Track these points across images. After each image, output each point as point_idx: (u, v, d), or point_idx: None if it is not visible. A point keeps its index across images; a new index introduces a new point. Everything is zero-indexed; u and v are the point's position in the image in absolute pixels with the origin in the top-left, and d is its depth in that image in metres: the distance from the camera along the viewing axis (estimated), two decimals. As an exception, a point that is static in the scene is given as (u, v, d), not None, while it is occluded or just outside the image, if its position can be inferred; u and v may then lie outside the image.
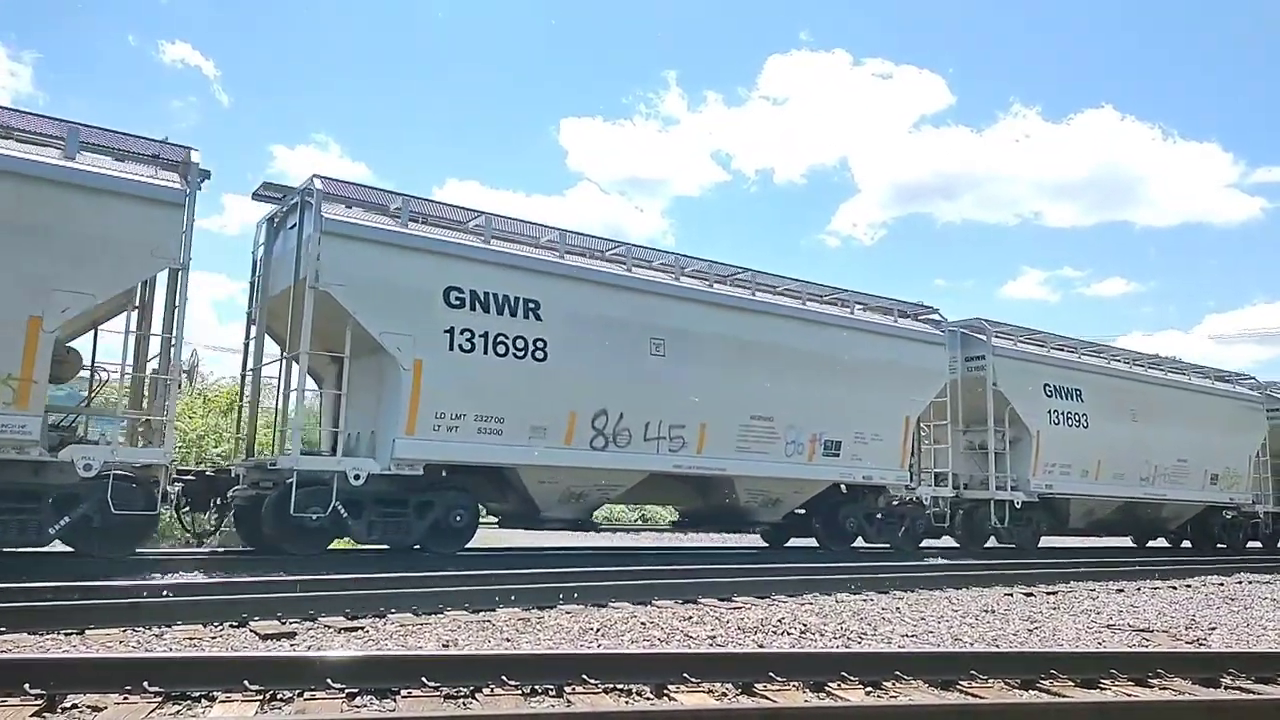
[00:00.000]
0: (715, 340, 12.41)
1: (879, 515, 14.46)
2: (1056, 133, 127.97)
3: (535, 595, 7.40)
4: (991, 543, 16.35)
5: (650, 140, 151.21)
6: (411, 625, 6.21)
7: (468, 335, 10.53)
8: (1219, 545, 20.23)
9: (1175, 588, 10.87)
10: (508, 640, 5.79)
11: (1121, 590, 10.30)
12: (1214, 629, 7.53)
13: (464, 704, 4.06)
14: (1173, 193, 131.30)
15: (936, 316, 15.55)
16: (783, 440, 12.97)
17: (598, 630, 6.22)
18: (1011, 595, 9.43)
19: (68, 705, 3.78)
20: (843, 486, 14.16)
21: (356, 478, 9.87)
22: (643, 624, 6.54)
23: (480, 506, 11.74)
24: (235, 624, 5.97)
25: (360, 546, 11.17)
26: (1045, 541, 17.42)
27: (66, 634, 5.48)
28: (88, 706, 3.78)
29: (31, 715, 3.64)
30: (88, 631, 5.55)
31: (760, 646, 5.87)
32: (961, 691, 4.66)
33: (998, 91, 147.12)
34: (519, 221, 12.02)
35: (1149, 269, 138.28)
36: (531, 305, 10.96)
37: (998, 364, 15.89)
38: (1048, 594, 9.67)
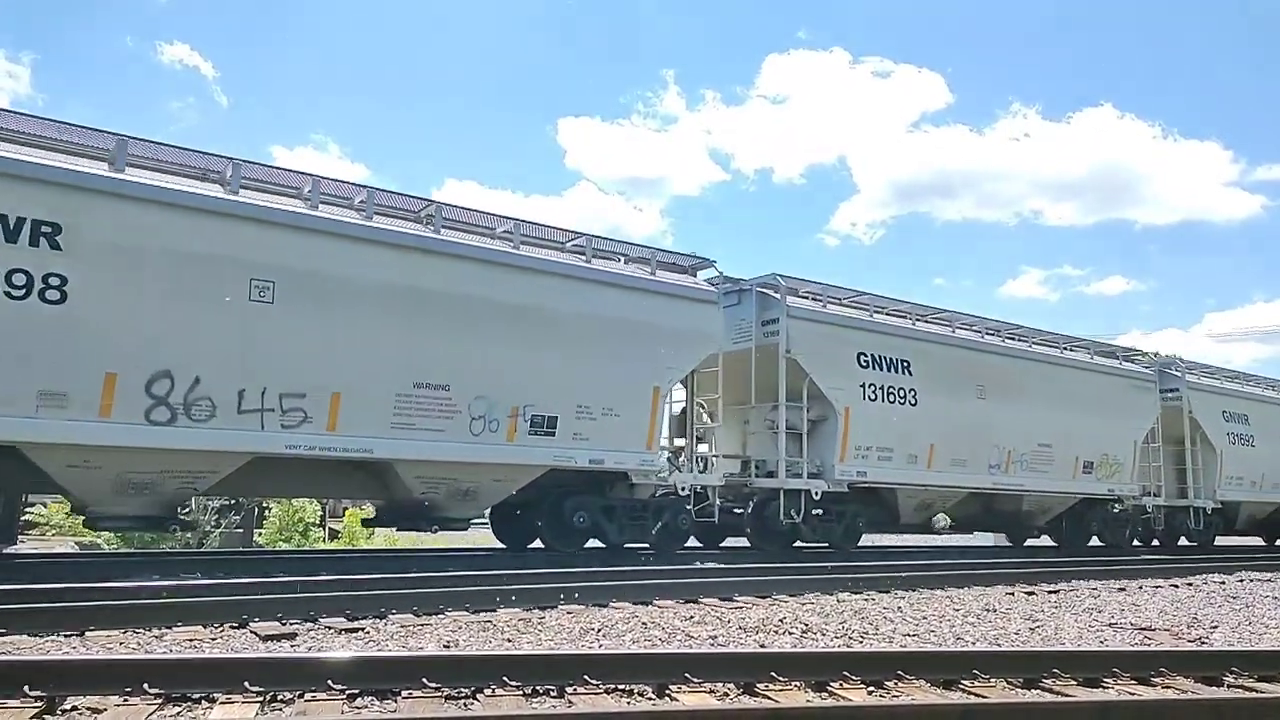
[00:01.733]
0: (359, 286, 9.72)
1: (618, 508, 11.88)
2: (1056, 131, 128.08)
3: (536, 595, 7.38)
4: (805, 541, 13.76)
5: (648, 139, 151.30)
6: (412, 626, 6.20)
7: None
8: (1101, 544, 17.61)
9: (1177, 586, 10.86)
10: (509, 640, 5.78)
11: (1123, 589, 10.30)
12: (1216, 627, 7.52)
13: (465, 705, 4.05)
14: (1173, 191, 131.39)
15: (713, 271, 13.38)
16: (466, 415, 10.31)
17: (599, 630, 6.21)
18: (1013, 594, 9.42)
19: (67, 707, 3.77)
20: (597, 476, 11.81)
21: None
22: (644, 624, 6.53)
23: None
24: (235, 625, 5.96)
25: (357, 547, 11.20)
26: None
27: (66, 635, 5.47)
28: (87, 708, 3.76)
29: (32, 717, 3.63)
30: (88, 633, 5.55)
31: (762, 646, 5.86)
32: (964, 691, 4.65)
33: (997, 90, 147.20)
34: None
35: (1149, 267, 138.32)
36: (47, 230, 8.23)
37: (792, 327, 13.29)
38: (1049, 593, 9.66)
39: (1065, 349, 17.34)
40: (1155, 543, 19.25)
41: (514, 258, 10.89)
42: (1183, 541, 19.13)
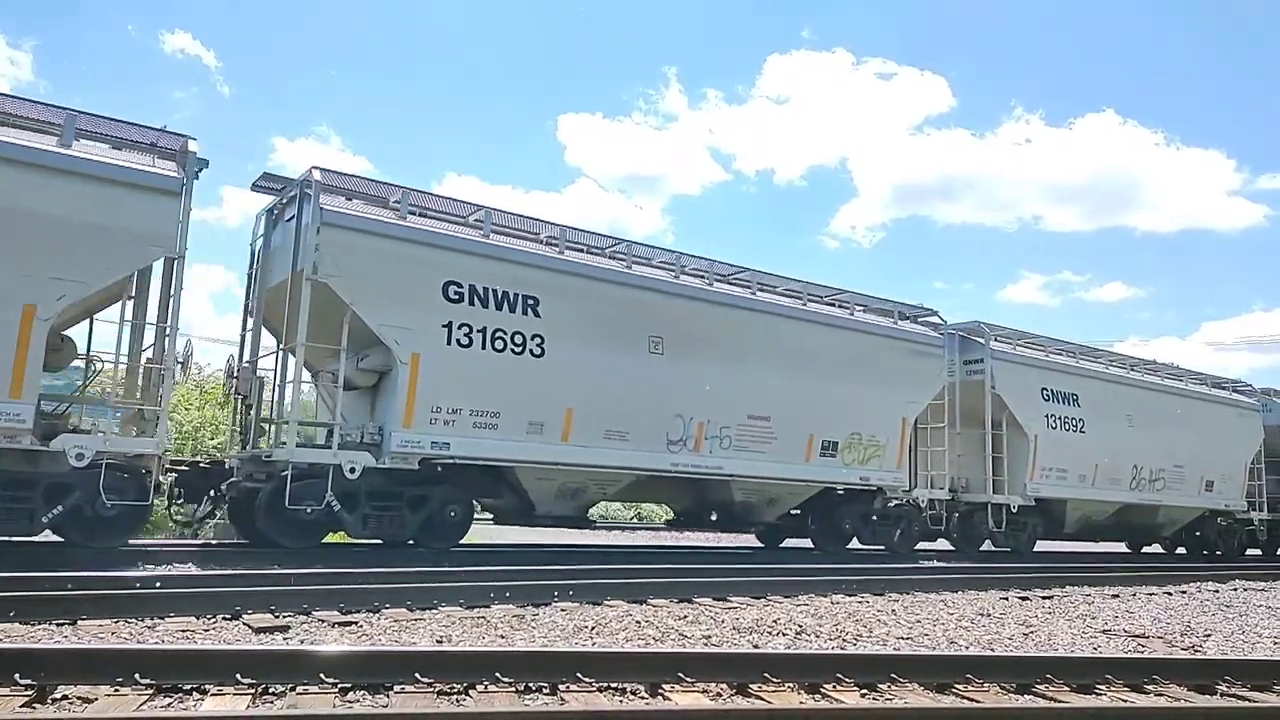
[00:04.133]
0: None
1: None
2: (1058, 136, 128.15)
3: (530, 592, 7.37)
4: (988, 546, 16.19)
5: (649, 137, 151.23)
6: (405, 621, 6.18)
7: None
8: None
9: (1170, 594, 10.87)
10: (502, 637, 5.77)
11: (1117, 595, 10.30)
12: (1209, 635, 7.53)
13: (458, 701, 4.04)
14: (1174, 198, 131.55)
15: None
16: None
17: (592, 628, 6.20)
18: (1007, 599, 9.42)
19: (58, 696, 3.75)
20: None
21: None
22: (638, 623, 6.52)
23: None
24: (228, 617, 5.94)
25: (355, 540, 11.16)
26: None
27: (58, 625, 5.45)
28: (78, 698, 3.75)
29: (22, 706, 3.61)
30: (79, 622, 5.53)
31: (756, 647, 5.85)
32: (957, 695, 4.65)
33: (1000, 94, 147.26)
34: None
35: (1149, 274, 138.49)
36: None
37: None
38: (1043, 598, 9.66)
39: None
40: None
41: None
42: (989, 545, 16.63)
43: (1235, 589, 11.83)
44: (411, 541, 10.52)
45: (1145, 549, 21.23)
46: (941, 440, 15.40)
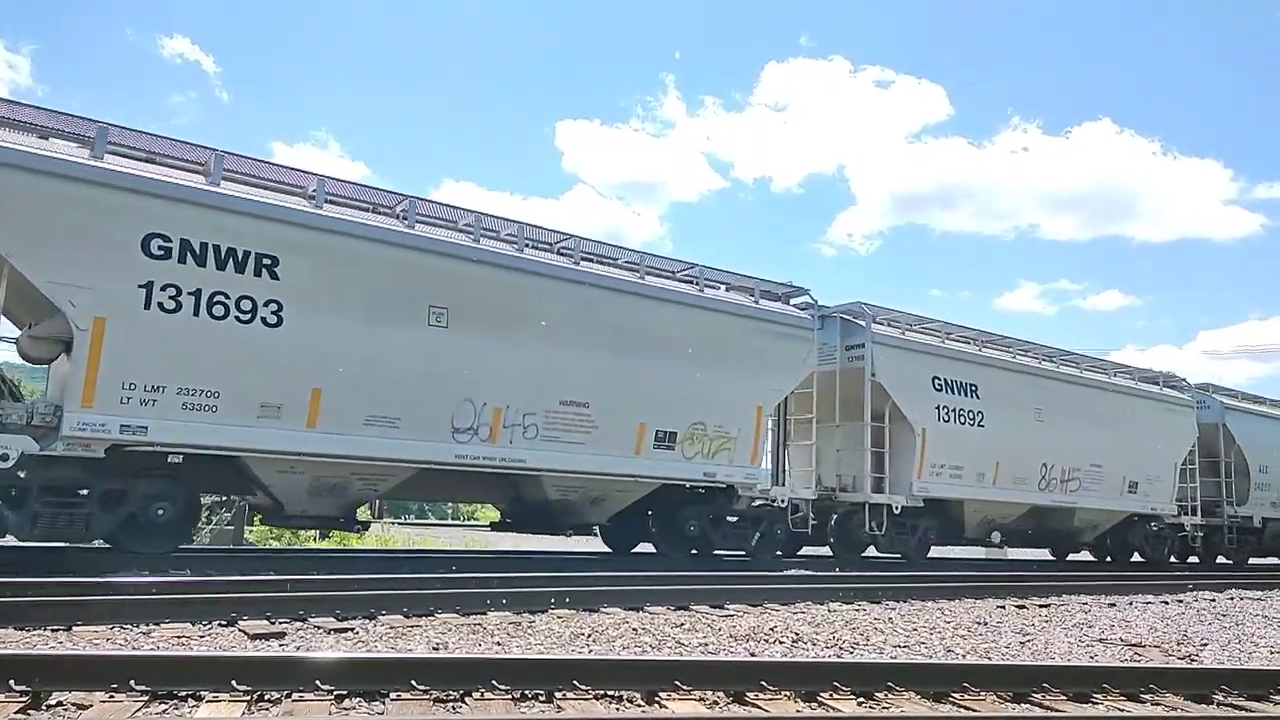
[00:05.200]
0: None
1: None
2: (1055, 145, 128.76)
3: (526, 599, 7.36)
4: (874, 551, 14.84)
5: (647, 144, 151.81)
6: (402, 627, 6.17)
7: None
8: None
9: (1167, 602, 10.87)
10: (498, 644, 5.76)
11: (1113, 604, 10.30)
12: (1206, 645, 7.53)
13: (454, 708, 4.03)
14: (1171, 207, 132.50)
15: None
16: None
17: (589, 635, 6.19)
18: (1004, 607, 9.41)
19: (53, 703, 3.74)
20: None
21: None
22: (634, 630, 6.51)
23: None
24: (224, 623, 5.93)
25: (348, 546, 11.18)
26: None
27: (53, 630, 5.44)
28: (73, 704, 3.74)
29: (16, 712, 3.61)
30: (75, 628, 5.52)
31: (752, 655, 5.85)
32: (954, 704, 4.65)
33: (997, 104, 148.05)
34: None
35: (1145, 283, 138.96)
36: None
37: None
38: (1040, 607, 9.66)
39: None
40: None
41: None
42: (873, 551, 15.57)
43: (1232, 598, 11.84)
44: (101, 543, 9.12)
45: (1072, 556, 19.76)
46: (809, 433, 14.02)
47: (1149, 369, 19.85)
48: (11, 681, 3.74)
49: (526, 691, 4.23)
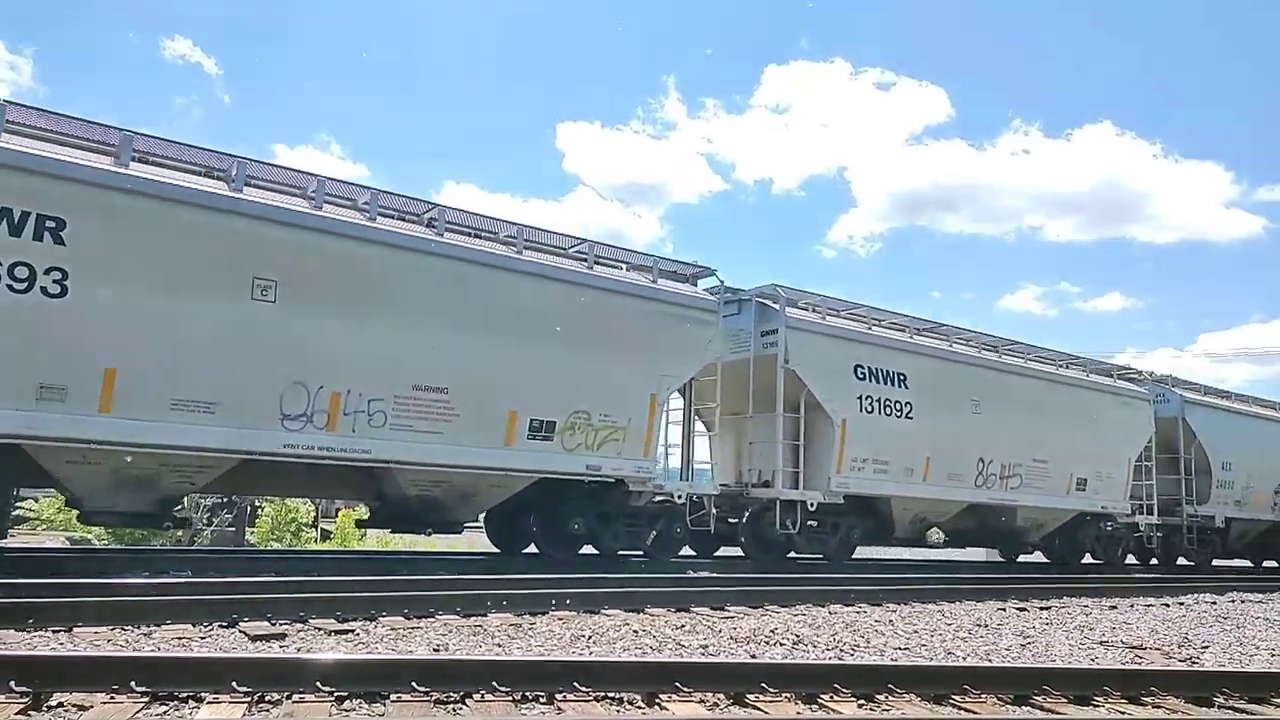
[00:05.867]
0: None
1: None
2: (1056, 148, 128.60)
3: (527, 600, 7.36)
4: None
5: (648, 146, 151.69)
6: (402, 629, 6.17)
7: None
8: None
9: (1168, 605, 10.86)
10: (499, 645, 5.76)
11: (1114, 607, 10.30)
12: (1207, 647, 7.52)
13: (454, 709, 4.04)
14: (1173, 210, 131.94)
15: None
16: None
17: (589, 637, 6.19)
18: (1004, 610, 9.41)
19: (54, 704, 3.75)
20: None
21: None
22: (635, 631, 6.51)
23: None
24: (225, 624, 5.93)
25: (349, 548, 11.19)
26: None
27: (54, 631, 5.45)
28: (74, 705, 3.74)
29: (17, 713, 3.61)
30: (75, 629, 5.52)
31: (752, 657, 5.85)
32: (954, 706, 4.64)
33: (998, 105, 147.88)
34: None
35: (1147, 286, 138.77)
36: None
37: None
38: (1040, 609, 9.66)
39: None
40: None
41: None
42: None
43: (1233, 601, 11.83)
44: None
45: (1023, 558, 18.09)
46: (715, 425, 13.08)
47: (1104, 361, 18.70)
48: (12, 682, 3.74)
49: (527, 693, 4.23)
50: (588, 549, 11.90)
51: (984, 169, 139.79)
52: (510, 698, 4.18)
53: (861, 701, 4.56)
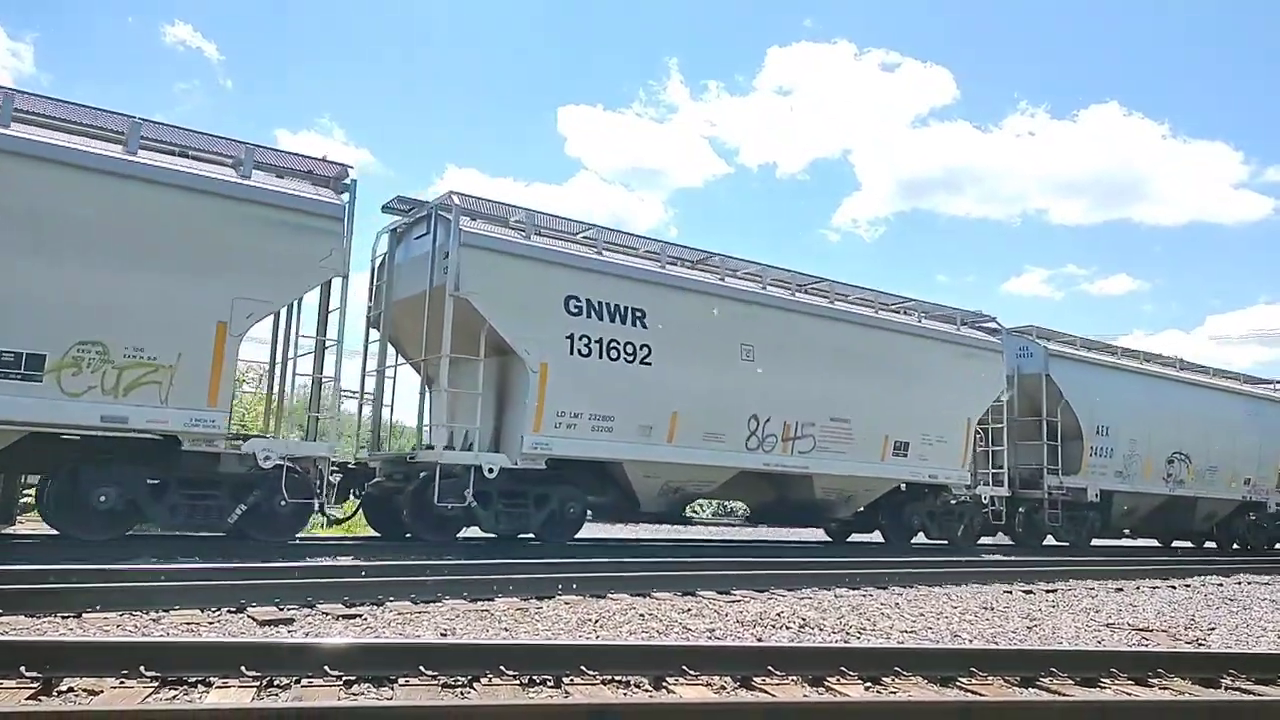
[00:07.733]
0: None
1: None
2: (1062, 129, 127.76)
3: (534, 585, 7.38)
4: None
5: (650, 129, 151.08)
6: (410, 613, 6.20)
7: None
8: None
9: (1175, 587, 10.86)
10: (506, 630, 5.78)
11: (1121, 589, 10.30)
12: (1213, 629, 7.52)
13: (462, 693, 4.05)
14: (1180, 191, 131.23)
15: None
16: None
17: (596, 621, 6.21)
18: (1011, 592, 9.42)
19: (64, 688, 3.76)
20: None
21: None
22: (641, 616, 6.53)
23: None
24: (233, 609, 5.96)
25: (369, 534, 11.45)
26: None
27: (64, 617, 5.47)
28: (84, 690, 3.76)
29: (27, 698, 3.62)
30: (85, 615, 5.54)
31: (759, 640, 5.86)
32: (961, 688, 4.64)
33: (1004, 87, 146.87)
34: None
35: (1153, 267, 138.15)
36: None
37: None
38: (1047, 591, 9.67)
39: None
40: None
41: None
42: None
43: (1239, 583, 11.83)
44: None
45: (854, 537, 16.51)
46: (436, 376, 11.29)
47: (951, 306, 16.04)
48: (22, 668, 3.76)
49: (534, 677, 4.24)
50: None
51: (990, 151, 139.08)
52: (517, 681, 4.19)
53: (869, 684, 4.57)
